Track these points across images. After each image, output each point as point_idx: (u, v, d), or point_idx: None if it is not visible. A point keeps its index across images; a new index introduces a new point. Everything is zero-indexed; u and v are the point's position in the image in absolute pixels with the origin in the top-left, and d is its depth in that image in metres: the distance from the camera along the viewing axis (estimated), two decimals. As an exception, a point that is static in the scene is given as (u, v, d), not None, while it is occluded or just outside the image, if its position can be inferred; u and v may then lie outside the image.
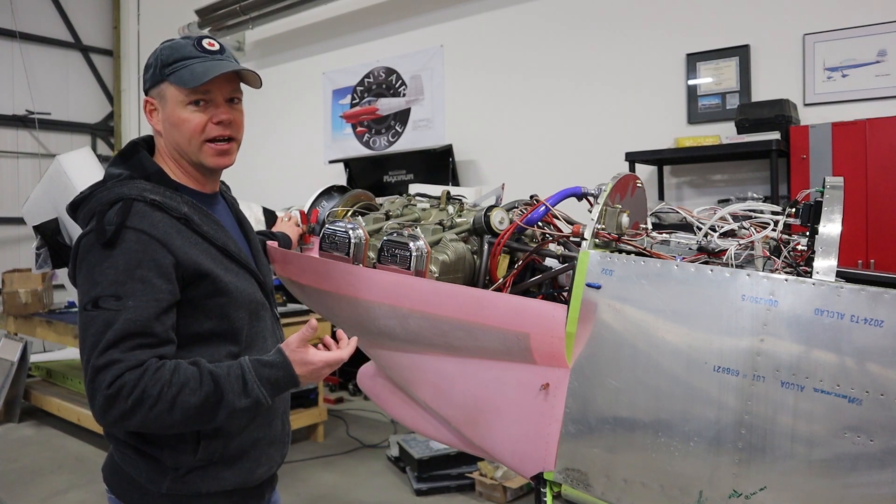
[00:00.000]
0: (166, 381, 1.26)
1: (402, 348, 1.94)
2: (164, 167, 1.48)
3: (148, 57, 1.49)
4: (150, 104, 1.47)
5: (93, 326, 1.27)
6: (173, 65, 1.42)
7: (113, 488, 1.48)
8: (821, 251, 1.42)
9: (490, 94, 5.58)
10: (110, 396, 1.24)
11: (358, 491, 4.00)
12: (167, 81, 1.42)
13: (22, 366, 5.59)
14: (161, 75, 1.43)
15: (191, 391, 1.28)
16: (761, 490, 1.40)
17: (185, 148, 1.45)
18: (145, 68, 1.49)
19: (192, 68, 1.40)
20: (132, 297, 1.28)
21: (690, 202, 4.50)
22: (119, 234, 1.30)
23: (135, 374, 1.25)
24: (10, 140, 7.84)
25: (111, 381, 1.24)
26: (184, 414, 1.28)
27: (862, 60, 3.92)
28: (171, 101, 1.43)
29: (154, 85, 1.45)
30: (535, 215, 1.86)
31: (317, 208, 2.36)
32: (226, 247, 1.46)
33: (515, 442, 1.73)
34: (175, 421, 1.28)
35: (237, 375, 1.33)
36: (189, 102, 1.42)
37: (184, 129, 1.43)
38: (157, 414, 1.26)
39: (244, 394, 1.32)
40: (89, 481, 4.22)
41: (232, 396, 1.31)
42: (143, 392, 1.24)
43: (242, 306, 1.46)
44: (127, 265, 1.29)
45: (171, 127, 1.44)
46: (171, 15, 7.88)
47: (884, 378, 1.30)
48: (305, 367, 1.38)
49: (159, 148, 1.51)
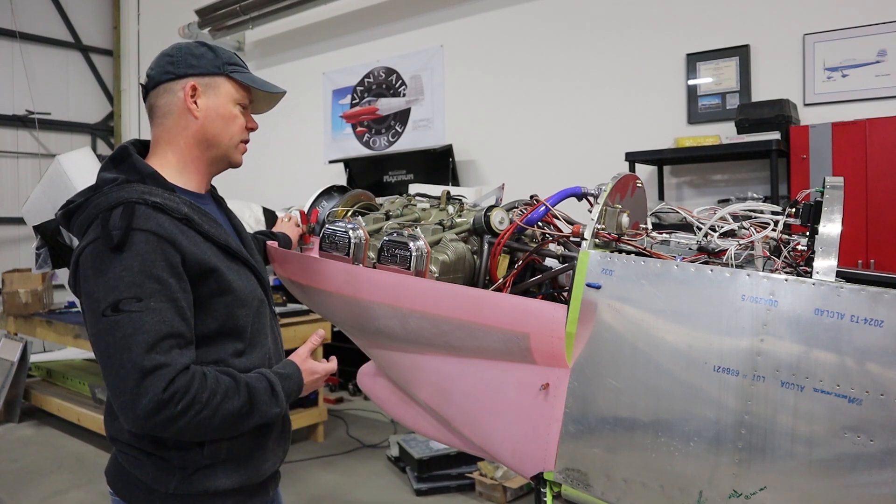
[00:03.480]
0: (213, 388, 1.33)
1: (402, 348, 1.94)
2: (159, 167, 1.47)
3: (190, 45, 1.53)
4: (196, 89, 1.49)
5: (119, 330, 1.27)
6: (235, 65, 1.53)
7: (118, 491, 1.47)
8: (821, 251, 1.42)
9: (490, 94, 5.58)
10: (163, 401, 1.25)
11: (358, 491, 4.00)
12: (227, 76, 1.51)
13: (22, 366, 5.59)
14: (223, 69, 1.51)
15: (230, 399, 1.35)
16: (761, 490, 1.40)
17: (223, 140, 1.52)
18: (193, 55, 1.50)
19: (252, 77, 1.55)
20: (153, 298, 1.29)
21: (690, 202, 4.51)
22: (128, 237, 1.30)
23: (184, 379, 1.29)
24: (10, 140, 7.84)
25: (165, 386, 1.26)
26: (222, 421, 1.35)
27: (862, 60, 3.92)
28: (225, 95, 1.51)
29: (208, 74, 1.49)
30: (535, 215, 1.86)
31: (317, 208, 2.36)
32: (227, 244, 1.46)
33: (515, 442, 1.73)
34: (213, 427, 1.34)
35: (265, 387, 1.43)
36: (239, 103, 1.54)
37: (232, 124, 1.53)
38: (200, 420, 1.31)
39: (275, 403, 1.44)
40: (89, 481, 4.22)
41: (265, 406, 1.41)
42: (194, 398, 1.29)
43: (246, 304, 1.47)
44: (142, 266, 1.29)
45: (218, 118, 1.51)
46: (171, 15, 7.88)
47: (884, 378, 1.29)
48: (311, 377, 1.57)
49: (165, 140, 1.50)
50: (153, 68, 1.51)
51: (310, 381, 1.56)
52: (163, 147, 1.51)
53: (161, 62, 1.51)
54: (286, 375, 1.50)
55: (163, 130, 1.50)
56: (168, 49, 1.53)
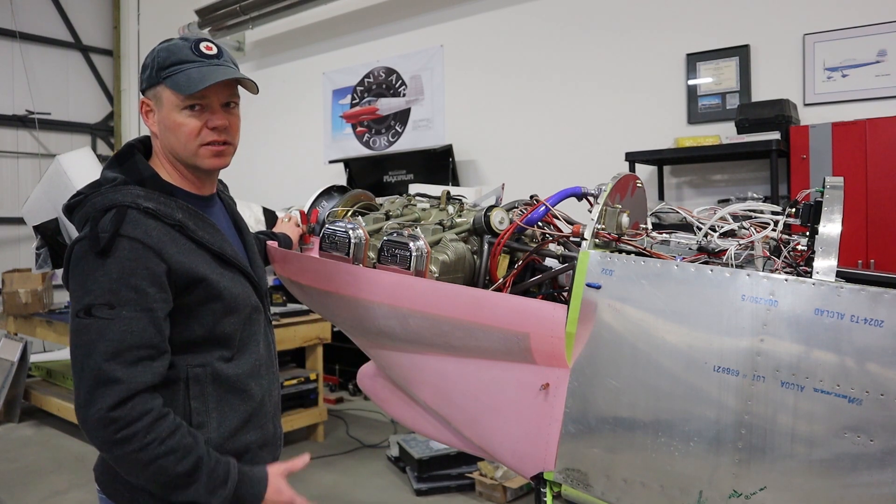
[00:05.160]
0: (161, 436, 1.28)
1: (402, 348, 1.94)
2: (160, 169, 1.47)
3: (145, 57, 1.48)
4: (146, 105, 1.47)
5: (86, 334, 1.27)
6: (170, 68, 1.40)
7: (104, 488, 1.47)
8: (821, 251, 1.42)
9: (490, 94, 5.58)
10: (107, 419, 1.24)
11: (358, 491, 4.00)
12: (163, 84, 1.41)
13: (22, 366, 5.59)
14: (157, 78, 1.41)
15: (171, 457, 1.29)
16: (761, 490, 1.40)
17: (180, 152, 1.45)
18: (142, 68, 1.48)
19: (189, 73, 1.39)
20: (126, 307, 1.28)
21: (690, 202, 4.51)
22: (113, 243, 1.30)
23: (138, 408, 1.25)
24: (10, 140, 7.84)
25: (114, 404, 1.24)
26: (154, 475, 1.29)
27: (862, 60, 3.92)
28: (167, 104, 1.42)
29: (150, 86, 1.44)
30: (535, 215, 1.86)
31: (317, 208, 2.36)
32: (222, 251, 1.45)
33: (515, 442, 1.73)
34: (141, 474, 1.29)
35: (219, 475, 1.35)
36: (185, 107, 1.41)
37: (179, 133, 1.42)
38: (133, 460, 1.27)
39: (213, 494, 1.33)
40: (89, 481, 4.18)
41: (202, 491, 1.32)
42: (135, 433, 1.25)
43: (236, 311, 1.46)
44: (121, 274, 1.29)
45: (167, 130, 1.44)
46: (171, 15, 7.88)
47: (884, 378, 1.30)
48: (277, 496, 1.43)
49: (156, 149, 1.51)
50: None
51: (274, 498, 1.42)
52: (156, 152, 1.51)
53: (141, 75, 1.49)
54: (253, 481, 1.40)
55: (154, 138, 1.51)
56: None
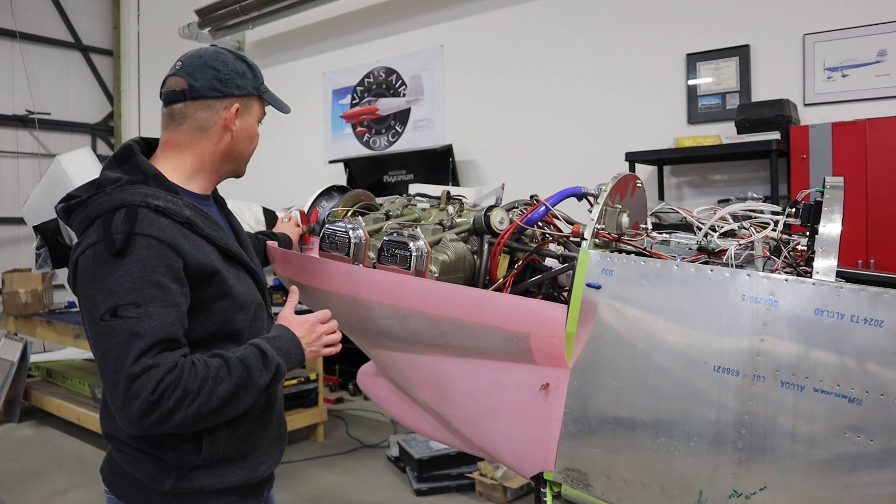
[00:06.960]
0: (203, 375, 1.30)
1: (402, 348, 1.94)
2: (163, 169, 1.46)
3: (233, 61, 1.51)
4: (239, 111, 1.51)
5: (116, 336, 1.27)
6: (263, 84, 1.57)
7: (114, 488, 1.48)
8: (821, 251, 1.42)
9: (490, 94, 5.58)
10: (153, 402, 1.25)
11: (358, 491, 4.00)
12: (261, 98, 1.56)
13: (22, 366, 5.59)
14: (259, 91, 1.55)
15: (223, 380, 1.33)
16: (761, 490, 1.40)
17: (245, 157, 1.58)
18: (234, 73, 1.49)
19: (274, 96, 1.59)
20: (152, 304, 1.29)
21: (690, 202, 4.50)
22: (130, 242, 1.30)
23: (173, 375, 1.27)
24: (10, 140, 7.84)
25: (154, 387, 1.25)
26: (219, 403, 1.32)
27: (862, 60, 3.92)
28: (254, 115, 1.56)
29: (247, 95, 1.52)
30: (535, 215, 1.86)
31: (317, 208, 2.36)
32: (228, 247, 1.47)
33: (515, 442, 1.73)
34: (212, 411, 1.32)
35: (255, 354, 1.39)
36: (260, 121, 1.59)
37: (254, 142, 1.58)
38: (196, 409, 1.29)
39: (266, 369, 1.38)
40: (89, 481, 4.22)
41: (257, 375, 1.37)
42: (185, 390, 1.27)
43: (244, 308, 1.47)
44: (142, 272, 1.29)
45: (247, 137, 1.55)
46: (171, 15, 7.87)
47: (884, 378, 1.30)
48: (303, 327, 1.50)
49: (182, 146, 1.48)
50: (197, 79, 1.46)
51: (303, 331, 1.49)
52: (181, 152, 1.49)
53: (206, 75, 1.46)
54: (274, 336, 1.46)
55: (188, 138, 1.48)
56: (210, 58, 1.49)
